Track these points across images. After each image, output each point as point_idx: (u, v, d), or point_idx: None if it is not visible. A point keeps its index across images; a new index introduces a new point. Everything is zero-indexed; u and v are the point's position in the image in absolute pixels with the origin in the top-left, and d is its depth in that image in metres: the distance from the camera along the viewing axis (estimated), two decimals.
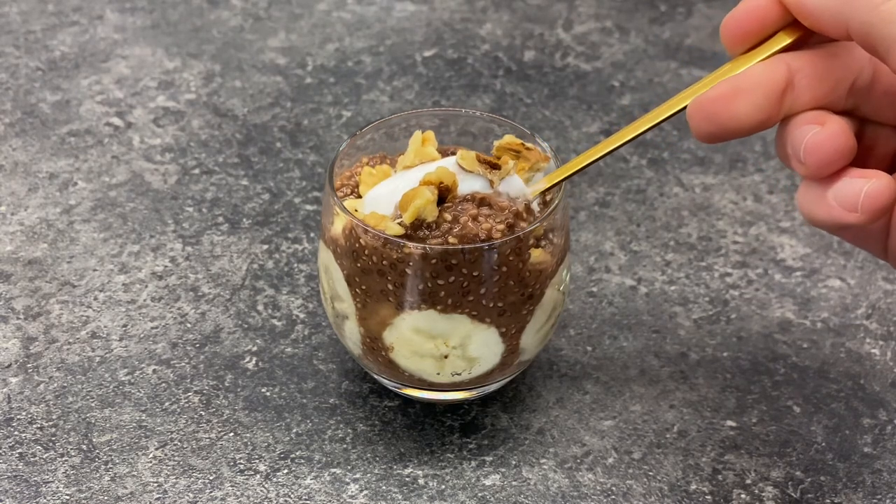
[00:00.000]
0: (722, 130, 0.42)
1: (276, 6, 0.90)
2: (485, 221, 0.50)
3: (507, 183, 0.52)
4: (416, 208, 0.49)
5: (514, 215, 0.51)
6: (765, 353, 0.61)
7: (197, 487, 0.53)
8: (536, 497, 0.53)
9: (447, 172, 0.51)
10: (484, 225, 0.50)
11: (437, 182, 0.50)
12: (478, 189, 0.51)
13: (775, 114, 0.42)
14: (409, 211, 0.50)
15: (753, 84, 0.41)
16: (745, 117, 0.41)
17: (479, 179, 0.52)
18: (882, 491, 0.54)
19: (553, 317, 0.55)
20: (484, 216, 0.50)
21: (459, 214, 0.50)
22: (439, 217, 0.50)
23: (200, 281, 0.65)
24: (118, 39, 0.85)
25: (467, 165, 0.52)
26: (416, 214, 0.50)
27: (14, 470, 0.54)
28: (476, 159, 0.52)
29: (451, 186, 0.51)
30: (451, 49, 0.85)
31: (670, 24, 0.89)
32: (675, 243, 0.68)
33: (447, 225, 0.50)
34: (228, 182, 0.72)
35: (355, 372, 0.59)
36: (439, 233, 0.50)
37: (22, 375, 0.58)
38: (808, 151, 0.41)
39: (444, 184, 0.51)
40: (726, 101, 0.41)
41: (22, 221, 0.68)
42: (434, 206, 0.50)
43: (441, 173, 0.51)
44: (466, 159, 0.52)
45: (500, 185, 0.52)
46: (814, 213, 0.42)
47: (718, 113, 0.41)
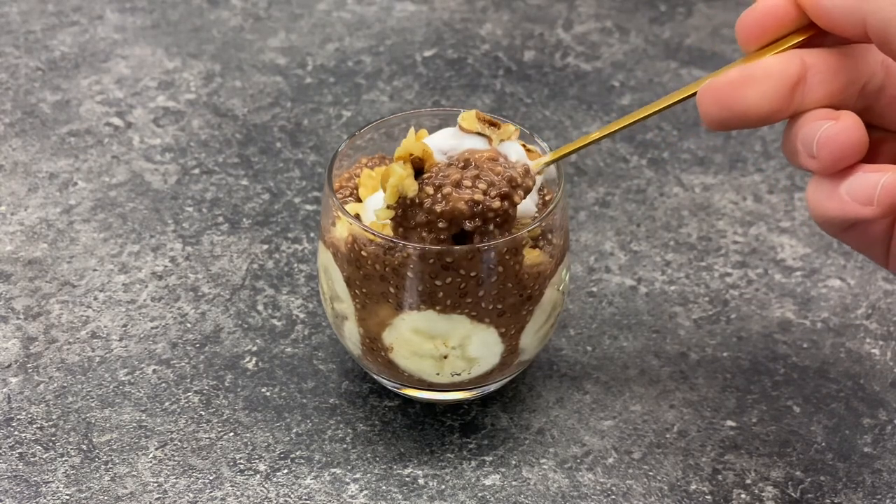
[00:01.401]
0: (730, 117, 0.42)
1: (276, 6, 0.90)
2: (471, 187, 0.48)
3: (507, 146, 0.51)
4: (393, 188, 0.48)
5: (508, 182, 0.49)
6: (765, 353, 0.61)
7: (197, 487, 0.53)
8: (536, 497, 0.53)
9: (414, 144, 0.49)
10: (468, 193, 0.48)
11: (406, 156, 0.49)
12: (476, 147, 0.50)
13: (785, 106, 0.42)
14: (387, 192, 0.48)
15: (766, 73, 0.41)
16: (755, 106, 0.41)
17: (479, 140, 0.50)
18: (882, 491, 0.54)
19: (553, 317, 0.55)
20: (470, 179, 0.48)
21: (442, 184, 0.48)
22: (421, 191, 0.49)
23: (200, 281, 0.65)
24: (118, 39, 0.85)
25: (467, 125, 0.50)
26: (396, 194, 0.48)
27: (14, 470, 0.54)
28: (476, 117, 0.51)
29: (423, 156, 0.49)
30: (451, 49, 0.85)
31: (670, 24, 0.89)
32: (675, 243, 0.68)
33: (430, 198, 0.48)
34: (228, 182, 0.72)
35: (355, 372, 0.59)
36: (423, 210, 0.48)
37: (22, 375, 0.59)
38: (821, 145, 0.41)
39: (415, 155, 0.49)
40: (737, 87, 0.41)
41: (22, 221, 0.68)
42: (411, 180, 0.48)
43: (408, 146, 0.49)
44: (466, 119, 0.51)
45: (498, 145, 0.50)
46: (825, 209, 0.42)
47: (728, 99, 0.41)
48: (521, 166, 0.50)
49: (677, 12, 0.90)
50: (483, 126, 0.50)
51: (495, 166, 0.49)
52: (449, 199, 0.48)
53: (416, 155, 0.49)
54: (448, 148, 0.51)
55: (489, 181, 0.49)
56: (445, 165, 0.49)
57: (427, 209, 0.48)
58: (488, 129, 0.50)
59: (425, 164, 0.49)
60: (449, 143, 0.51)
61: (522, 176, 0.49)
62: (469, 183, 0.48)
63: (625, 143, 0.76)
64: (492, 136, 0.50)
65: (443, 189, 0.48)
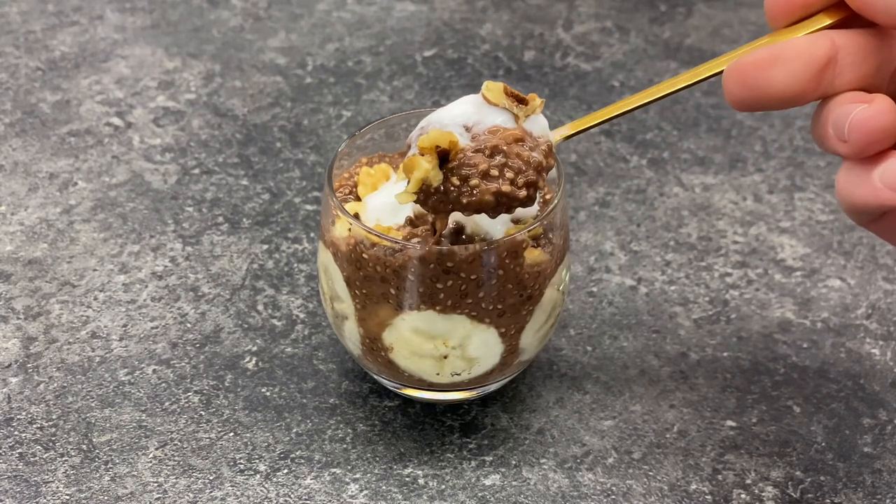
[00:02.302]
0: (756, 97, 0.41)
1: (276, 6, 0.90)
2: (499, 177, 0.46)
3: (532, 121, 0.48)
4: (416, 180, 0.46)
5: (535, 168, 0.47)
6: (765, 353, 0.61)
7: (197, 487, 0.53)
8: (536, 497, 0.53)
9: (441, 136, 0.47)
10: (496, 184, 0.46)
11: (431, 148, 0.47)
12: (499, 124, 0.48)
13: (813, 88, 0.40)
14: (411, 182, 0.47)
15: (794, 53, 0.40)
16: (782, 86, 0.40)
17: (503, 114, 0.48)
18: (882, 491, 0.54)
19: (553, 317, 0.55)
20: (498, 168, 0.46)
21: (469, 175, 0.46)
22: (446, 181, 0.47)
23: (200, 281, 0.65)
24: (118, 39, 0.85)
25: (493, 98, 0.48)
26: (418, 185, 0.47)
27: (14, 470, 0.54)
28: (503, 91, 0.48)
29: (449, 147, 0.47)
30: (451, 49, 0.85)
31: (670, 24, 0.89)
32: (675, 243, 0.68)
33: (456, 189, 0.47)
34: (228, 182, 0.72)
35: (355, 372, 0.59)
36: (448, 201, 0.47)
37: (22, 375, 0.59)
38: (853, 128, 0.40)
39: (441, 147, 0.47)
40: (764, 66, 0.40)
41: (22, 221, 0.68)
42: (436, 171, 0.47)
43: (434, 137, 0.47)
44: (493, 91, 0.48)
45: (525, 122, 0.48)
46: (856, 196, 0.40)
47: (755, 78, 0.40)
48: (545, 145, 0.48)
49: (677, 12, 0.90)
50: (510, 102, 0.48)
51: (522, 150, 0.47)
52: (476, 191, 0.46)
53: (442, 147, 0.47)
54: (472, 122, 0.48)
55: (516, 169, 0.47)
56: (471, 151, 0.47)
57: (452, 199, 0.47)
58: (516, 107, 0.48)
59: (451, 152, 0.47)
60: (472, 116, 0.48)
61: (546, 157, 0.48)
62: (496, 172, 0.47)
63: (625, 143, 0.76)
64: (519, 114, 0.48)
65: (470, 180, 0.46)
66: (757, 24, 0.89)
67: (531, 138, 0.48)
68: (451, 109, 0.49)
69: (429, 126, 0.48)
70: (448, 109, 0.49)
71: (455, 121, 0.48)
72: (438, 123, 0.48)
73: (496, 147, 0.47)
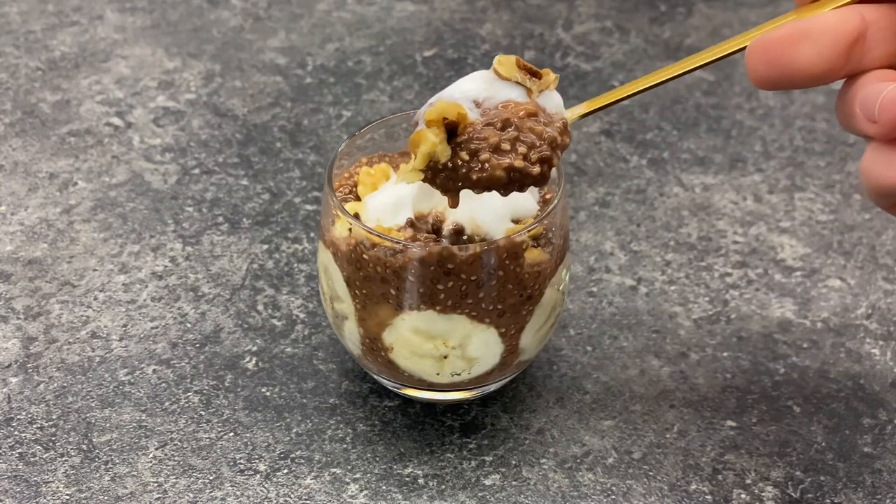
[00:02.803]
0: (781, 75, 0.39)
1: (276, 6, 0.90)
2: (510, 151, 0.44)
3: (546, 97, 0.46)
4: (423, 155, 0.44)
5: (550, 143, 0.44)
6: (765, 353, 0.61)
7: (197, 487, 0.53)
8: (536, 497, 0.53)
9: (449, 107, 0.44)
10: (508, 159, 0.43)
11: (439, 120, 0.44)
12: (512, 98, 0.45)
13: (841, 65, 0.39)
14: (417, 158, 0.44)
15: (822, 29, 0.38)
16: (808, 64, 0.38)
17: (516, 89, 0.45)
18: (882, 491, 0.54)
19: (553, 317, 0.55)
20: (509, 141, 0.44)
21: (478, 149, 0.44)
22: (455, 157, 0.44)
23: (200, 281, 0.65)
24: (118, 39, 0.85)
25: (505, 72, 0.46)
26: (426, 160, 0.44)
27: (14, 470, 0.54)
28: (516, 65, 0.46)
29: (457, 119, 0.44)
30: (451, 49, 0.85)
31: (670, 24, 0.89)
32: (675, 243, 0.68)
33: (465, 165, 0.44)
34: (228, 182, 0.72)
35: (355, 372, 0.59)
36: (457, 177, 0.44)
37: (22, 375, 0.58)
38: (883, 108, 0.38)
39: (449, 119, 0.44)
40: (790, 43, 0.38)
41: (22, 221, 0.68)
42: (444, 145, 0.44)
43: (441, 108, 0.44)
44: (505, 64, 0.46)
45: (538, 97, 0.45)
46: (884, 178, 0.39)
47: (780, 56, 0.39)
48: (560, 122, 0.46)
49: (677, 12, 0.90)
50: (523, 76, 0.46)
51: (536, 125, 0.45)
52: (487, 166, 0.44)
53: (450, 119, 0.44)
54: (483, 97, 0.46)
55: (529, 143, 0.44)
56: (482, 125, 0.44)
57: (462, 176, 0.44)
58: (529, 80, 0.46)
59: (459, 125, 0.45)
60: (483, 92, 0.46)
61: (561, 134, 0.45)
62: (508, 146, 0.44)
63: (625, 143, 0.76)
64: (532, 88, 0.45)
65: (480, 155, 0.44)
66: (757, 25, 0.89)
67: (545, 114, 0.46)
68: (461, 85, 0.46)
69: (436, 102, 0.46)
70: (457, 85, 0.46)
71: (465, 95, 0.46)
72: (447, 98, 0.45)
73: (508, 120, 0.44)
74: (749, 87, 0.81)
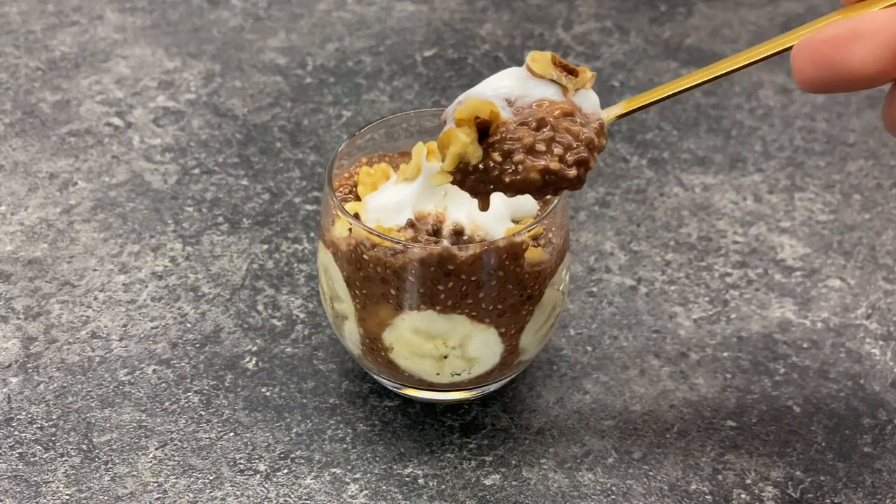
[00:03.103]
0: (830, 77, 0.37)
1: (276, 6, 0.90)
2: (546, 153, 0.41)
3: (582, 96, 0.44)
4: (453, 156, 0.42)
5: (587, 145, 0.42)
6: (765, 353, 0.61)
7: (197, 487, 0.53)
8: (536, 497, 0.53)
9: (482, 105, 0.42)
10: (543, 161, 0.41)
11: (470, 119, 0.42)
12: (547, 97, 0.43)
13: (893, 66, 0.37)
14: (447, 159, 0.42)
15: (874, 29, 0.36)
16: (860, 65, 0.37)
17: (551, 87, 0.43)
18: (882, 491, 0.54)
19: (553, 317, 0.55)
20: (545, 142, 0.42)
21: (512, 150, 0.42)
22: (487, 158, 0.42)
23: (200, 281, 0.65)
24: (118, 39, 0.85)
25: (539, 69, 0.43)
26: (455, 161, 0.42)
27: (14, 470, 0.54)
28: (551, 61, 0.43)
29: (490, 118, 0.42)
30: (451, 49, 0.85)
31: (670, 24, 0.89)
32: (675, 243, 0.68)
33: (497, 167, 0.42)
34: (228, 182, 0.72)
35: (355, 372, 0.59)
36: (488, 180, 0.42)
37: (22, 375, 0.59)
38: None
39: (481, 118, 0.42)
40: (840, 44, 0.37)
41: (22, 221, 0.68)
42: (475, 146, 0.42)
43: (473, 106, 0.42)
44: (539, 61, 0.43)
45: (574, 96, 0.43)
46: None
47: (829, 57, 0.37)
48: (597, 122, 0.43)
49: (677, 12, 0.90)
50: (559, 73, 0.43)
51: (572, 125, 0.42)
52: (521, 168, 0.42)
53: (482, 118, 0.42)
54: (515, 96, 0.43)
55: (566, 144, 0.42)
56: (515, 125, 0.42)
57: (493, 178, 0.42)
58: (565, 78, 0.43)
59: (492, 124, 0.42)
60: (515, 90, 0.43)
61: (598, 135, 0.43)
62: (543, 147, 0.42)
63: (625, 143, 0.76)
64: (568, 86, 0.43)
65: (513, 156, 0.42)
66: (757, 25, 0.89)
67: (581, 114, 0.43)
68: (491, 82, 0.44)
69: (467, 99, 0.43)
70: (487, 83, 0.44)
71: (497, 93, 0.43)
72: (477, 96, 0.43)
73: (543, 120, 0.42)
74: (749, 88, 0.81)
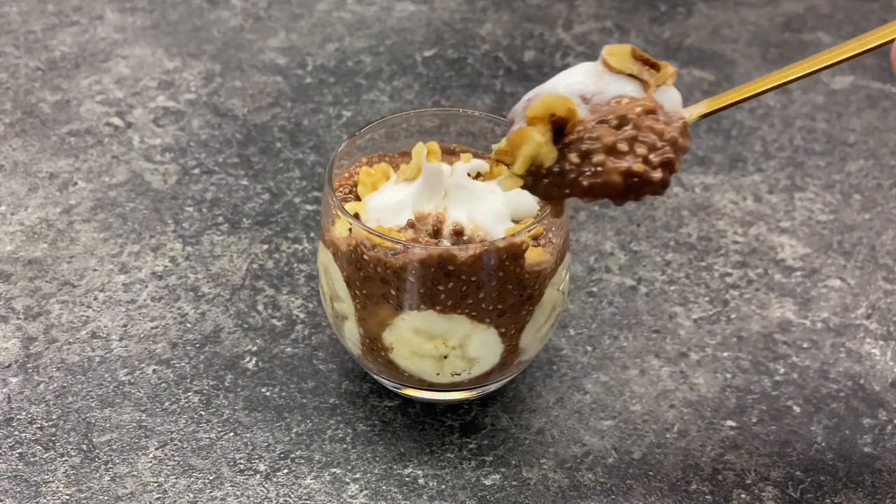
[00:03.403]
0: None
1: (276, 6, 0.90)
2: (628, 153, 0.38)
3: (663, 93, 0.41)
4: (526, 158, 0.39)
5: (671, 145, 0.39)
6: (765, 353, 0.61)
7: (197, 487, 0.53)
8: (536, 497, 0.53)
9: (558, 101, 0.39)
10: (625, 162, 0.38)
11: (545, 117, 0.39)
12: (626, 93, 0.40)
13: None
14: (518, 161, 0.39)
15: None
16: None
17: (629, 83, 0.40)
18: (882, 491, 0.54)
19: (553, 317, 0.55)
20: (627, 142, 0.38)
21: (591, 150, 0.38)
22: (562, 160, 0.39)
23: (200, 281, 0.65)
24: (118, 39, 0.85)
25: (617, 63, 0.40)
26: (528, 164, 0.39)
27: (14, 470, 0.54)
28: (631, 55, 0.40)
29: (567, 115, 0.39)
30: (451, 49, 0.85)
31: (670, 24, 0.89)
32: (675, 243, 0.68)
33: (574, 169, 0.39)
34: (228, 182, 0.72)
35: (355, 372, 0.59)
36: (564, 184, 0.39)
37: (22, 375, 0.59)
38: None
39: (557, 116, 0.39)
40: None
41: (22, 221, 0.68)
42: (550, 147, 0.39)
43: (548, 103, 0.39)
44: (617, 55, 0.40)
45: (655, 93, 0.40)
46: None
47: None
48: (680, 121, 0.40)
49: (677, 12, 0.90)
50: (639, 67, 0.41)
51: (655, 123, 0.39)
52: (601, 170, 0.39)
53: (558, 116, 0.39)
54: (591, 93, 0.40)
55: (650, 144, 0.39)
56: (594, 123, 0.39)
57: (570, 182, 0.39)
58: (646, 72, 0.41)
59: (568, 122, 0.39)
60: (591, 86, 0.40)
61: (682, 136, 0.40)
62: (625, 147, 0.39)
63: None
64: (649, 82, 0.40)
65: (592, 157, 0.39)
66: (757, 25, 0.89)
67: (663, 112, 0.40)
68: (563, 79, 0.41)
69: (537, 96, 0.40)
70: (558, 79, 0.41)
71: (571, 90, 0.40)
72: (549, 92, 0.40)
73: (624, 117, 0.39)
74: None
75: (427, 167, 0.51)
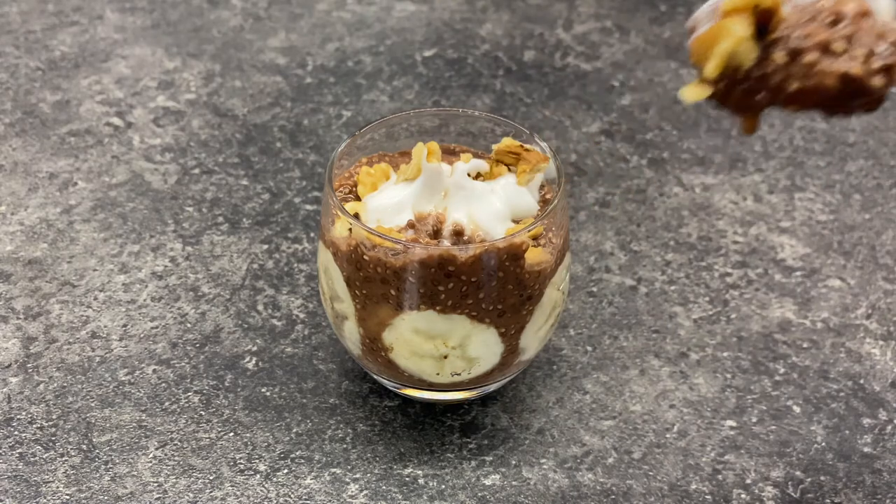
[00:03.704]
0: None
1: (276, 6, 0.90)
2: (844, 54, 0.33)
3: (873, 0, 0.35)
4: (722, 55, 0.34)
5: None
6: (765, 353, 0.61)
7: (197, 487, 0.53)
8: (536, 497, 0.53)
9: None
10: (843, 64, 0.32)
11: (748, 7, 0.34)
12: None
13: None
14: (713, 61, 0.34)
15: None
16: None
17: None
18: (882, 491, 0.54)
19: (553, 317, 0.55)
20: (843, 40, 0.33)
21: (802, 49, 0.33)
22: (767, 58, 0.33)
23: (200, 281, 0.65)
24: (118, 39, 0.85)
25: None
26: (724, 64, 0.34)
27: (14, 470, 0.54)
28: None
29: (772, 7, 0.34)
30: (451, 49, 0.85)
31: (670, 24, 0.89)
32: (675, 243, 0.68)
33: (780, 71, 0.33)
34: (228, 182, 0.72)
35: (355, 372, 0.59)
36: (767, 88, 0.34)
37: (22, 375, 0.59)
38: None
39: (763, 6, 0.34)
40: None
41: (22, 221, 0.68)
42: (751, 44, 0.34)
43: None
44: None
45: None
46: None
47: None
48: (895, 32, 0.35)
49: (677, 12, 0.90)
50: None
51: (874, 24, 0.34)
52: (813, 70, 0.33)
53: (762, 6, 0.34)
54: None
55: (869, 45, 0.34)
56: (804, 20, 0.34)
57: (773, 86, 0.34)
58: None
59: (774, 16, 0.34)
60: None
61: None
62: (842, 46, 0.33)
63: (625, 143, 0.76)
64: None
65: (803, 56, 0.33)
66: None
67: (877, 20, 0.35)
68: None
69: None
70: None
71: None
72: None
73: (840, 14, 0.34)
74: None
75: (427, 167, 0.51)
